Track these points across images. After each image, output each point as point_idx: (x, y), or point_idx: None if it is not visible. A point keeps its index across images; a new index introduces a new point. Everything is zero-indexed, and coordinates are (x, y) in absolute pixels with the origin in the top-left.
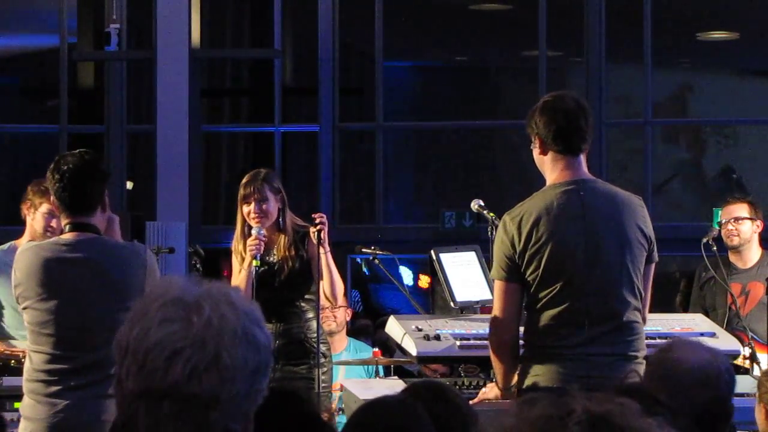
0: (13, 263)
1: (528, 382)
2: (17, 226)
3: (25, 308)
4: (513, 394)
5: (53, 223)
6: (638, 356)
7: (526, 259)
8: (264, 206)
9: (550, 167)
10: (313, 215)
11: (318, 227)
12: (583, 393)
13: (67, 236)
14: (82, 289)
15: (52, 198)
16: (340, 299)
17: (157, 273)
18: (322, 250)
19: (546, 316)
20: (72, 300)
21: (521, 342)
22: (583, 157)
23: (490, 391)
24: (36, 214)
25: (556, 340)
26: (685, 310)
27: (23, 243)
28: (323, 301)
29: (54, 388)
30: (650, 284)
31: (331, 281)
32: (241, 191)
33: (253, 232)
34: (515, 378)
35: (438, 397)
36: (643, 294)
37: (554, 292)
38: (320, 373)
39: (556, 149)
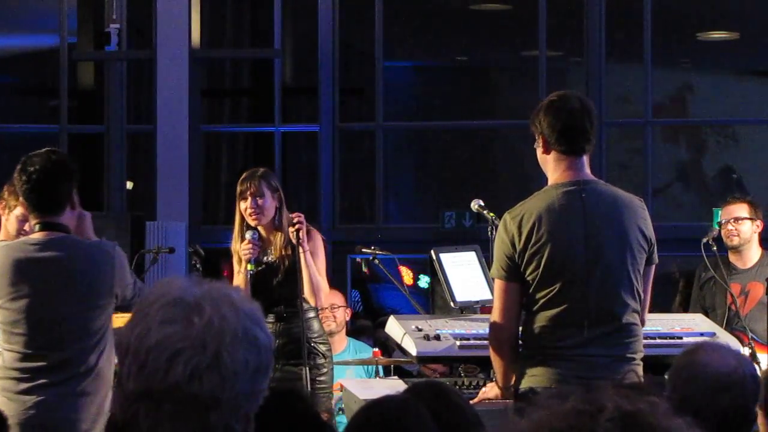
0: None
1: (526, 382)
2: None
3: None
4: (512, 394)
5: (27, 227)
6: (636, 358)
7: (525, 259)
8: (260, 201)
9: (552, 167)
10: (291, 215)
11: (296, 227)
12: (613, 389)
13: (37, 236)
14: (52, 288)
15: (20, 199)
16: (323, 300)
17: (126, 270)
18: (300, 250)
19: (545, 317)
20: (42, 299)
21: (520, 342)
22: (586, 158)
23: (490, 391)
24: (10, 217)
25: (555, 340)
26: (685, 310)
27: None
28: (336, 294)
29: (25, 386)
30: (650, 286)
31: (310, 281)
32: (238, 188)
33: (247, 236)
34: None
35: (439, 397)
36: (642, 296)
37: (553, 292)
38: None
39: (559, 149)
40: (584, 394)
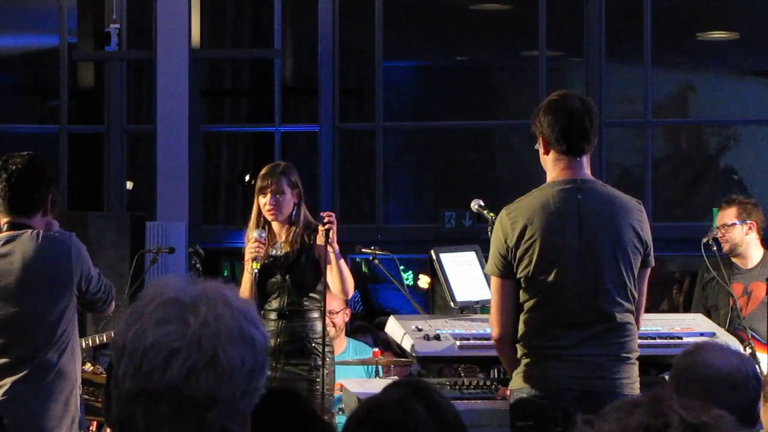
0: None
1: (521, 382)
2: None
3: None
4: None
5: None
6: (631, 357)
7: (518, 256)
8: (280, 198)
9: (551, 166)
10: (321, 214)
11: (327, 226)
12: (678, 401)
13: (2, 234)
14: (11, 284)
15: None
16: (351, 294)
17: (85, 259)
18: (330, 249)
19: (538, 316)
20: (3, 295)
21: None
22: (585, 158)
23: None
24: None
25: (549, 340)
26: (686, 310)
27: None
28: (336, 297)
29: None
30: (645, 288)
31: (341, 279)
32: (259, 183)
33: (254, 234)
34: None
35: (417, 395)
36: (636, 297)
37: (546, 290)
38: (323, 374)
39: (559, 149)
40: (650, 408)
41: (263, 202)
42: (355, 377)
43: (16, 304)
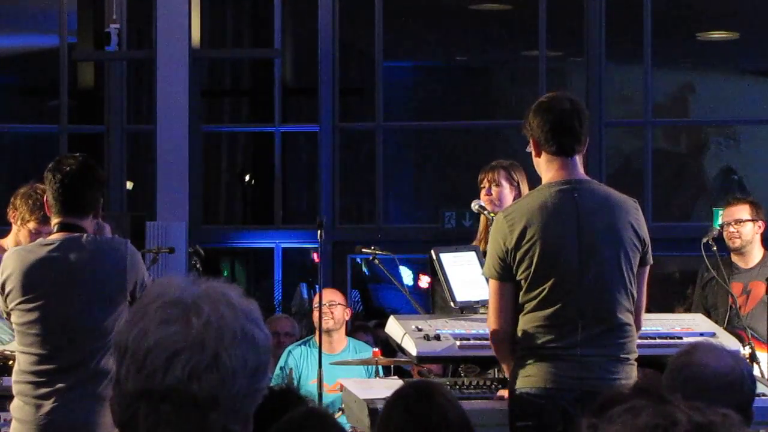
0: (0, 265)
1: (521, 383)
2: None
3: (12, 309)
4: None
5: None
6: (630, 358)
7: (517, 259)
8: (494, 189)
9: (545, 168)
10: None
11: None
12: (685, 402)
13: (52, 237)
14: (63, 288)
15: (46, 197)
16: None
17: (140, 267)
18: None
19: (539, 317)
20: (55, 299)
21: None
22: (578, 158)
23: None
24: (23, 229)
25: (550, 341)
26: (688, 310)
27: (8, 244)
28: (336, 291)
29: (41, 390)
30: (644, 287)
31: None
32: (480, 176)
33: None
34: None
35: (421, 398)
36: (636, 296)
37: (546, 291)
38: (320, 374)
39: (550, 150)
40: (656, 408)
41: (482, 195)
42: (355, 377)
43: (68, 308)
